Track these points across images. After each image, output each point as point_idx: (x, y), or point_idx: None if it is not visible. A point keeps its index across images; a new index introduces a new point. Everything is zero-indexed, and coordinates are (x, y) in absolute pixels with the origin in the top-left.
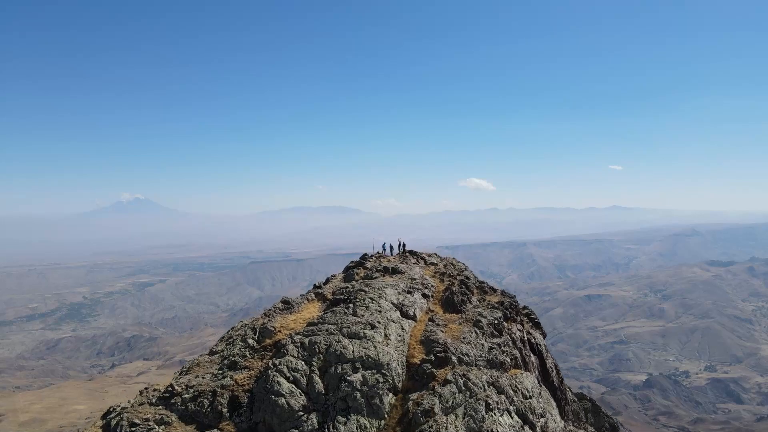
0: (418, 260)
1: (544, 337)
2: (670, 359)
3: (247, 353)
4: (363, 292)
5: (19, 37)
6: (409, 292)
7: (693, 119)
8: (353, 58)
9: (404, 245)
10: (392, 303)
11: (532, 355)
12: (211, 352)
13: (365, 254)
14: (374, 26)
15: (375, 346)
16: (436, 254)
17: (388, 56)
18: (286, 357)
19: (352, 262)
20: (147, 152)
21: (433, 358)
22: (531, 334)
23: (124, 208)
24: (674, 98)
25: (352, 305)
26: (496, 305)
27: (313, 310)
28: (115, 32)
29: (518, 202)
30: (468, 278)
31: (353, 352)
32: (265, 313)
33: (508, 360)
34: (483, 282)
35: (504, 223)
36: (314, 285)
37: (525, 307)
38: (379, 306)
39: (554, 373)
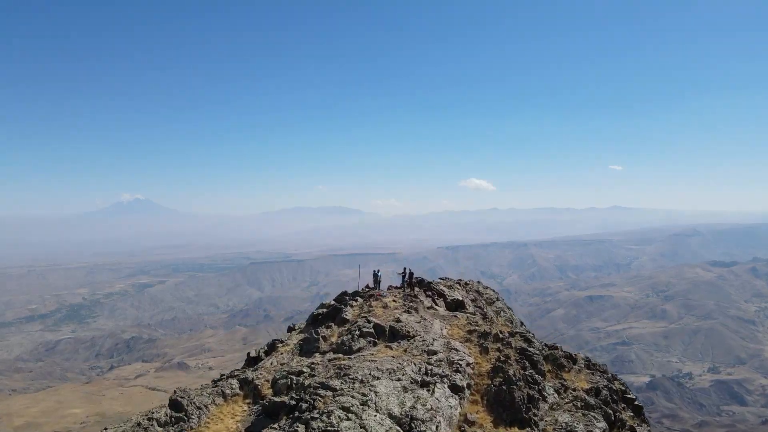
0: (434, 300)
1: None
2: (673, 361)
3: None
4: (330, 392)
5: (19, 39)
6: (424, 385)
7: (693, 119)
8: (354, 59)
9: (411, 274)
10: (389, 415)
11: None
12: None
13: (344, 293)
14: (374, 29)
15: None
16: (458, 283)
17: (388, 58)
18: None
19: (322, 305)
20: (147, 153)
21: None
22: None
23: (124, 208)
24: (674, 98)
25: (304, 426)
26: (590, 397)
27: (227, 427)
28: (115, 35)
29: (519, 203)
30: (529, 340)
31: None
32: None
33: None
34: (555, 347)
35: (504, 224)
36: (247, 356)
37: (616, 378)
38: (362, 424)
39: None
